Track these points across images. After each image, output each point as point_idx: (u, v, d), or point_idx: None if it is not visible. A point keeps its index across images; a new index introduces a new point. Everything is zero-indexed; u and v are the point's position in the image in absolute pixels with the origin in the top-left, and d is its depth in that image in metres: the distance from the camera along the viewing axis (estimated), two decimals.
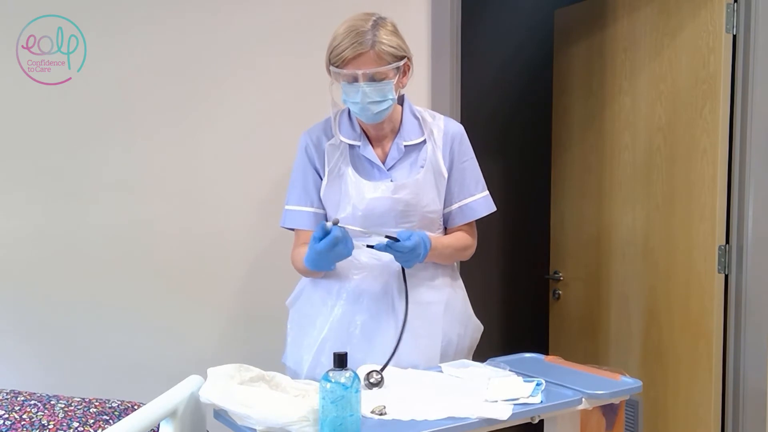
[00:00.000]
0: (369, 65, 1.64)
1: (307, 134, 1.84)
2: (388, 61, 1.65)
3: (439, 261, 1.83)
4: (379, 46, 1.64)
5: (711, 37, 2.36)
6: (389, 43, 1.65)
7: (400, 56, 1.68)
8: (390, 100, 1.69)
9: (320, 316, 1.81)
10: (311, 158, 1.81)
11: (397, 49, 1.67)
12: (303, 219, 1.82)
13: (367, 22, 1.65)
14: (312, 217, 1.82)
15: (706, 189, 2.40)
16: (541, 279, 3.31)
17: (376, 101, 1.67)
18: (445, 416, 1.35)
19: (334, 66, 1.66)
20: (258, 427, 1.29)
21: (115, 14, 2.17)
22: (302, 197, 1.82)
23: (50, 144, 2.16)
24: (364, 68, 1.63)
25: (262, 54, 2.29)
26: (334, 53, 1.65)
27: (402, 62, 1.69)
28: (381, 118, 1.73)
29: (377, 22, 1.67)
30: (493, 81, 3.75)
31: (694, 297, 2.45)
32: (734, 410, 2.38)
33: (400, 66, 1.69)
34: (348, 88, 1.67)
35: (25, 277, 2.16)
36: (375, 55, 1.64)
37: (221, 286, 2.31)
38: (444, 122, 1.87)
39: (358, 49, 1.62)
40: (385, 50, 1.65)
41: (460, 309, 1.89)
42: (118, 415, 1.67)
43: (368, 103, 1.67)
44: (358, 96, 1.66)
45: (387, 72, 1.66)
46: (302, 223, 1.82)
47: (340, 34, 1.65)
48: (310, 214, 1.82)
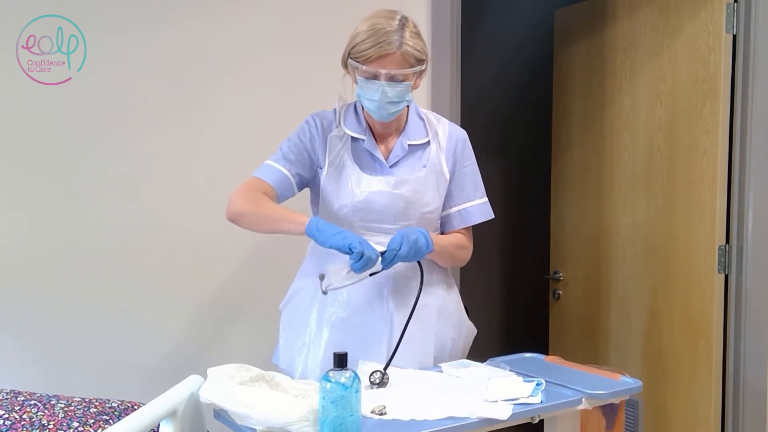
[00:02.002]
0: (394, 66, 1.63)
1: (318, 116, 1.81)
2: (412, 63, 1.65)
3: (441, 259, 1.82)
4: (406, 48, 1.63)
5: (711, 37, 2.36)
6: (415, 47, 1.65)
7: (423, 60, 1.69)
8: (406, 102, 1.70)
9: (313, 317, 1.80)
10: (313, 137, 1.78)
11: (421, 53, 1.67)
12: (271, 173, 1.76)
13: (393, 21, 1.64)
14: (280, 178, 1.75)
15: (706, 189, 2.39)
16: (541, 279, 3.31)
17: (394, 102, 1.67)
18: (445, 416, 1.35)
19: (356, 61, 1.66)
20: (258, 427, 1.29)
21: (115, 14, 2.17)
22: (281, 159, 1.77)
23: (50, 144, 2.16)
24: (389, 68, 1.63)
25: (262, 53, 2.29)
26: (358, 49, 1.64)
27: (423, 66, 1.69)
28: (393, 118, 1.74)
29: (403, 23, 1.66)
30: (493, 81, 3.75)
31: (694, 297, 2.45)
32: (734, 410, 2.38)
33: (420, 69, 1.69)
34: (367, 85, 1.66)
35: (25, 277, 2.16)
36: (401, 56, 1.63)
37: (221, 286, 2.31)
38: (449, 126, 1.87)
39: (386, 49, 1.62)
40: (411, 53, 1.64)
41: (454, 313, 1.88)
42: (118, 415, 1.67)
43: (386, 103, 1.67)
44: (377, 94, 1.66)
45: (408, 74, 1.66)
46: (268, 176, 1.76)
47: (365, 30, 1.64)
48: (281, 174, 1.75)
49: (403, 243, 1.60)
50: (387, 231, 1.74)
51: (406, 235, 1.62)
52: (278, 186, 1.75)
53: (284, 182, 1.76)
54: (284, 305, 1.91)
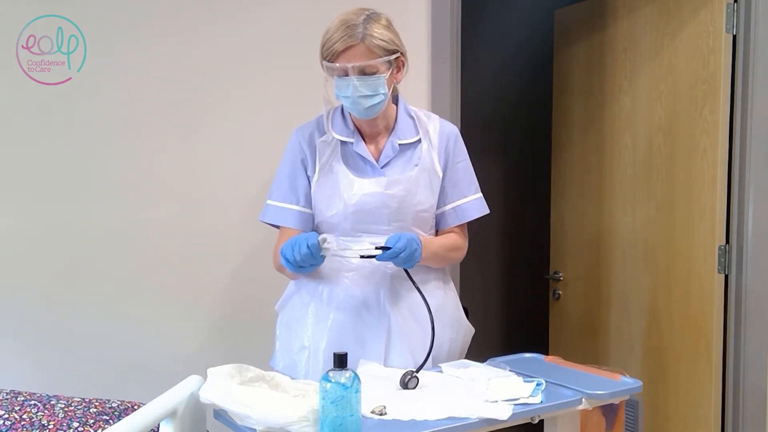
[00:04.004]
0: (359, 58, 1.63)
1: (299, 131, 1.83)
2: (379, 54, 1.65)
3: (432, 263, 1.81)
4: (370, 39, 1.63)
5: (711, 37, 2.36)
6: (380, 37, 1.65)
7: (392, 50, 1.67)
8: (382, 95, 1.68)
9: (310, 320, 1.80)
10: (302, 156, 1.80)
11: (389, 43, 1.67)
12: (288, 217, 1.80)
13: (360, 16, 1.65)
14: (297, 216, 1.80)
15: (706, 189, 2.39)
16: (541, 279, 3.31)
17: (367, 95, 1.66)
18: (445, 416, 1.35)
19: (326, 60, 1.67)
20: (258, 427, 1.29)
21: (115, 14, 2.17)
22: (288, 195, 1.80)
23: (50, 144, 2.16)
24: (354, 61, 1.63)
25: (263, 52, 2.29)
26: (326, 46, 1.65)
27: (394, 57, 1.68)
28: (374, 113, 1.72)
29: (370, 17, 1.67)
30: (493, 81, 3.75)
31: (694, 297, 2.45)
32: (734, 410, 2.38)
33: (391, 60, 1.68)
34: (339, 82, 1.67)
35: (25, 277, 2.16)
36: (365, 48, 1.63)
37: (221, 286, 2.31)
38: (439, 122, 1.86)
39: (348, 42, 1.62)
40: (376, 43, 1.64)
41: (452, 313, 1.88)
42: (118, 415, 1.67)
43: (359, 97, 1.66)
44: (348, 90, 1.66)
45: (378, 66, 1.65)
46: (287, 221, 1.80)
47: (332, 27, 1.65)
48: (295, 213, 1.79)
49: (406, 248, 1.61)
50: (382, 232, 1.74)
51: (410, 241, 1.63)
52: (301, 225, 1.80)
53: (303, 217, 1.80)
54: (280, 306, 1.91)
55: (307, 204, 1.80)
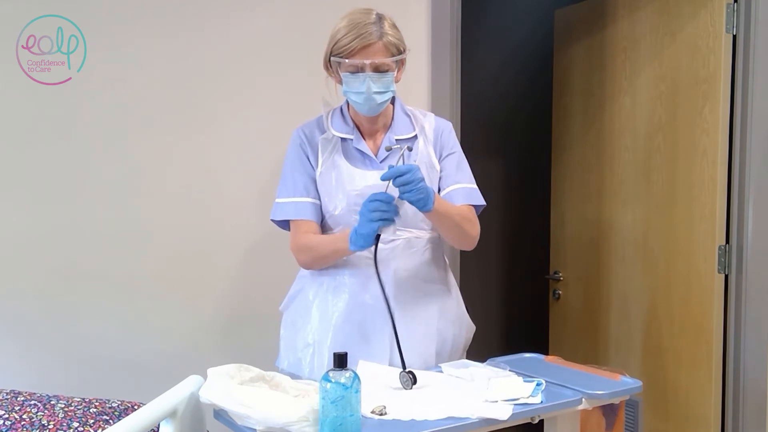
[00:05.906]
0: (377, 56, 1.67)
1: (300, 129, 1.86)
2: (393, 53, 1.70)
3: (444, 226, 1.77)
4: (386, 37, 1.68)
5: (711, 37, 2.36)
6: (395, 36, 1.71)
7: (403, 50, 1.73)
8: (391, 92, 1.73)
9: (314, 317, 1.81)
10: (305, 152, 1.82)
11: (400, 42, 1.72)
12: (303, 209, 1.80)
13: (370, 16, 1.69)
14: (311, 207, 1.80)
15: (706, 189, 2.40)
16: (541, 279, 3.31)
17: (380, 92, 1.70)
18: (445, 416, 1.35)
19: (337, 57, 1.68)
20: (258, 427, 1.29)
21: (115, 14, 2.17)
22: (299, 189, 1.81)
23: (50, 144, 2.16)
24: (372, 58, 1.66)
25: (263, 52, 2.29)
26: (340, 44, 1.67)
27: (403, 55, 1.73)
28: (380, 111, 1.76)
29: (381, 16, 1.71)
30: (493, 81, 3.75)
31: (694, 297, 2.45)
32: (734, 410, 2.38)
33: (401, 59, 1.73)
34: (351, 79, 1.69)
35: (25, 277, 2.16)
36: (383, 46, 1.67)
37: (221, 286, 2.31)
38: (435, 119, 1.90)
39: (368, 40, 1.66)
40: (392, 42, 1.69)
41: (455, 309, 1.90)
42: (118, 415, 1.67)
43: (373, 94, 1.69)
44: (363, 86, 1.68)
45: (391, 64, 1.70)
46: (303, 213, 1.80)
47: (344, 26, 1.68)
48: (309, 204, 1.80)
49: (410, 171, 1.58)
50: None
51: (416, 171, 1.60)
52: (316, 216, 1.81)
53: (316, 208, 1.81)
54: (285, 307, 1.92)
55: (317, 196, 1.82)
